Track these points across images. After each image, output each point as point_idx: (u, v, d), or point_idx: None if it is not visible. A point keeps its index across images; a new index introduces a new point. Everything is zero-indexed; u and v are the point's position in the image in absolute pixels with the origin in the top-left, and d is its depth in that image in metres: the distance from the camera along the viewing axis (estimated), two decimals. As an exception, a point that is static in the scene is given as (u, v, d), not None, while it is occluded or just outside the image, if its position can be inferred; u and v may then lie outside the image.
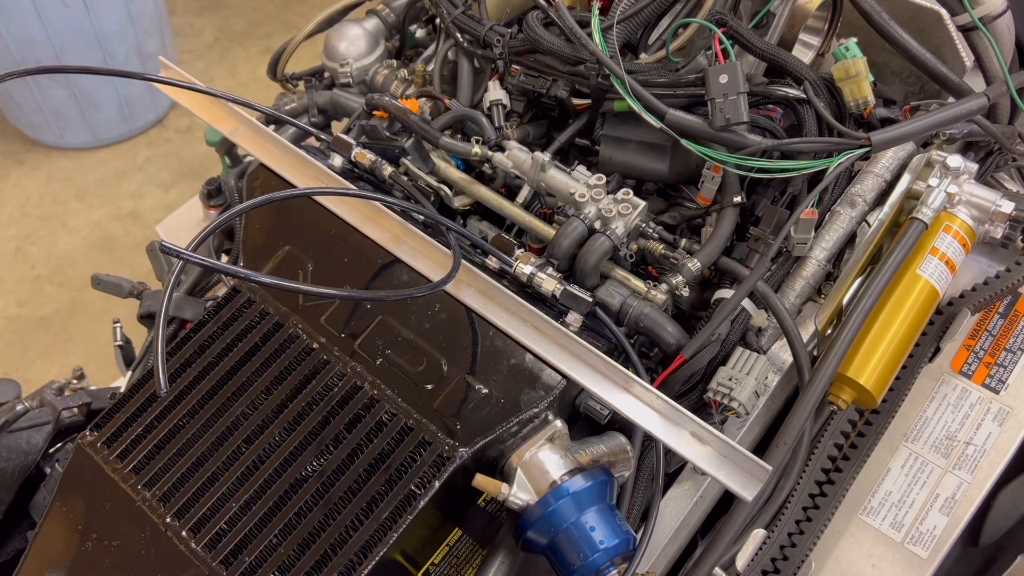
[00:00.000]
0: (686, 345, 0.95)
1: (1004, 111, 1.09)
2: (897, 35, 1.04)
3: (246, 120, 1.12)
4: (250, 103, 1.11)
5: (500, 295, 0.94)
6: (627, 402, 0.87)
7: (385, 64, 1.35)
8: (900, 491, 0.97)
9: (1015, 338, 1.03)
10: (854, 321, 0.92)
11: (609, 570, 0.84)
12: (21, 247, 2.98)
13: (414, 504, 0.84)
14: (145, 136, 3.32)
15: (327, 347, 0.94)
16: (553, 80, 1.15)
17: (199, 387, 0.94)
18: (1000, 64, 1.06)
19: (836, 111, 1.05)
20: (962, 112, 0.99)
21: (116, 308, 2.76)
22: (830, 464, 0.96)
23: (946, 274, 0.98)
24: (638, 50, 1.16)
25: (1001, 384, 1.00)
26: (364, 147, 1.13)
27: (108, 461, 0.92)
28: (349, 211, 1.03)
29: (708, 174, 1.07)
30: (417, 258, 0.99)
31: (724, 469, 0.82)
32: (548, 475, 0.87)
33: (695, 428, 0.83)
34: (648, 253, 1.06)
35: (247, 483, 0.88)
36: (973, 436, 0.98)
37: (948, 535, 0.94)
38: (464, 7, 1.20)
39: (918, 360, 1.01)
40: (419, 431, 0.88)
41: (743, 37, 1.04)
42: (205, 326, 0.98)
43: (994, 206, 0.99)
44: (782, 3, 1.11)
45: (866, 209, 1.03)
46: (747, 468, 0.81)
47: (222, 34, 3.71)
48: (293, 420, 0.91)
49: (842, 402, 0.94)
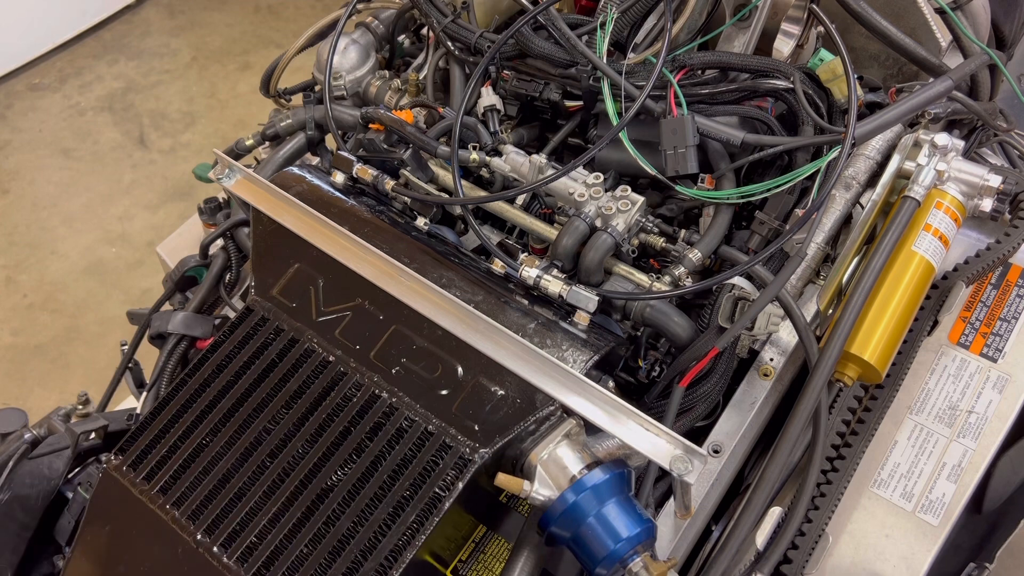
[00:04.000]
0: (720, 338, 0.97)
1: (984, 88, 1.12)
2: (874, 21, 1.07)
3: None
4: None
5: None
6: (577, 402, 0.90)
7: (378, 75, 1.36)
8: (908, 462, 1.00)
9: (1008, 307, 1.06)
10: (856, 299, 0.95)
11: (633, 558, 0.86)
12: (11, 276, 2.97)
13: (439, 506, 0.86)
14: (129, 159, 3.31)
15: (343, 359, 0.96)
16: (545, 84, 1.17)
17: (220, 405, 0.96)
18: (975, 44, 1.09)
19: (828, 107, 1.09)
20: (931, 96, 1.03)
21: (113, 332, 2.77)
22: (839, 440, 0.99)
23: (940, 249, 1.01)
24: (626, 49, 1.18)
25: (998, 352, 1.04)
26: (364, 161, 1.14)
27: (135, 484, 0.94)
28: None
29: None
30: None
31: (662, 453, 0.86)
32: (567, 470, 0.89)
33: (639, 420, 0.88)
34: (649, 247, 1.09)
35: (274, 496, 0.90)
36: (975, 404, 1.01)
37: (957, 502, 0.97)
38: (454, 15, 1.22)
39: (918, 334, 1.04)
40: (439, 435, 0.90)
41: (718, 62, 1.09)
42: (222, 345, 0.99)
43: (982, 181, 1.02)
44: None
45: (860, 191, 1.06)
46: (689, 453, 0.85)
47: (199, 53, 3.71)
48: (315, 432, 0.92)
49: (848, 379, 0.97)
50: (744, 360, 1.05)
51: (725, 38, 1.19)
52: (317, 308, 1.01)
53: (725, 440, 1.00)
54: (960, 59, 1.13)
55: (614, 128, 1.03)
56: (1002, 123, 1.15)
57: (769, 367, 1.03)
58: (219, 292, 1.34)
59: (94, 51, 3.73)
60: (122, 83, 3.59)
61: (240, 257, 1.35)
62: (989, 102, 1.15)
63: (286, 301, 1.01)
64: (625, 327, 1.06)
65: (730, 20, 1.16)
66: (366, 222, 1.09)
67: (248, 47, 3.72)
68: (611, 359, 1.01)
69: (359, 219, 1.09)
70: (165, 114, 3.46)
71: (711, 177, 1.12)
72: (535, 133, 1.26)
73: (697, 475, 0.84)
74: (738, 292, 1.00)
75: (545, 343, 0.95)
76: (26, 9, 3.52)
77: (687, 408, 1.01)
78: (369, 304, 1.00)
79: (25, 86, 3.60)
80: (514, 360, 0.93)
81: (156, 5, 3.93)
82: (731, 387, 1.04)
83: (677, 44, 1.15)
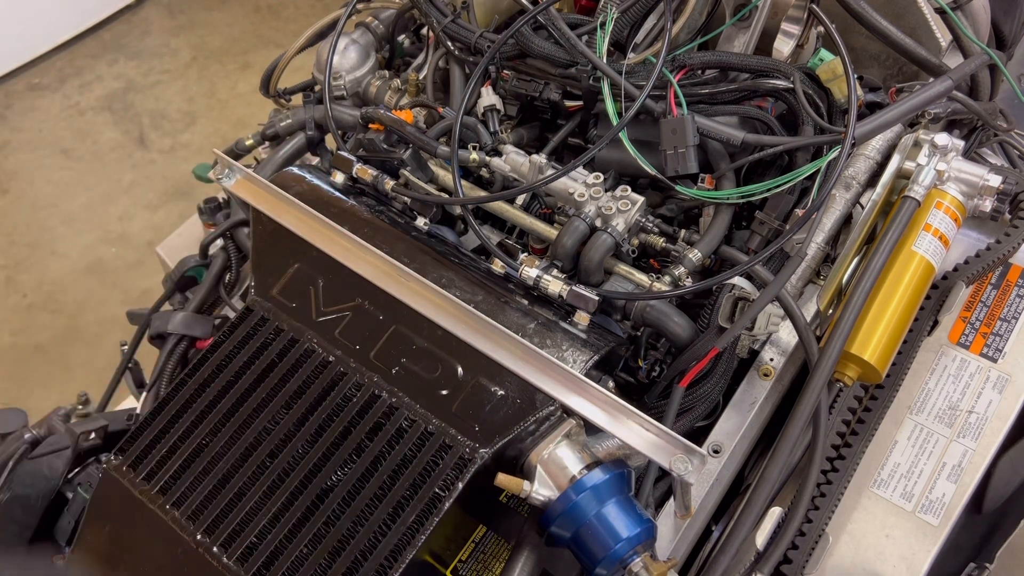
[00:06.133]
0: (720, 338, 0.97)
1: (984, 88, 1.12)
2: (874, 21, 1.07)
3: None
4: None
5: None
6: (577, 402, 0.90)
7: (377, 75, 1.36)
8: (908, 462, 1.00)
9: (1008, 307, 1.06)
10: (856, 299, 0.95)
11: (633, 558, 0.86)
12: (11, 276, 2.97)
13: (439, 506, 0.86)
14: (129, 159, 3.31)
15: (343, 359, 0.96)
16: (545, 83, 1.17)
17: (220, 405, 0.96)
18: (975, 44, 1.09)
19: (828, 107, 1.09)
20: (931, 96, 1.03)
21: (113, 332, 2.77)
22: (839, 440, 0.99)
23: (940, 249, 1.01)
24: (626, 49, 1.18)
25: (998, 353, 1.04)
26: (364, 162, 1.14)
27: (135, 484, 0.94)
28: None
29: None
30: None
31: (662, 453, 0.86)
32: (567, 470, 0.89)
33: (639, 420, 0.88)
34: (649, 247, 1.09)
35: (274, 496, 0.90)
36: (975, 404, 1.01)
37: (957, 502, 0.97)
38: (454, 15, 1.22)
39: (918, 334, 1.04)
40: (439, 435, 0.90)
41: (718, 62, 1.08)
42: (221, 345, 0.99)
43: (982, 180, 1.02)
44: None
45: (860, 191, 1.06)
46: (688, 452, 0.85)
47: (199, 52, 3.71)
48: (315, 432, 0.92)
49: (848, 379, 0.97)
50: (744, 360, 1.05)
51: (725, 38, 1.19)
52: (317, 308, 1.01)
53: (725, 440, 1.00)
54: (960, 59, 1.13)
55: (614, 128, 1.03)
56: (1002, 123, 1.15)
57: (769, 367, 1.03)
58: (219, 292, 1.34)
59: (94, 51, 3.73)
60: (122, 83, 3.59)
61: (240, 257, 1.35)
62: (989, 102, 1.15)
63: (286, 301, 1.01)
64: (625, 327, 1.06)
65: (730, 20, 1.16)
66: (366, 222, 1.09)
67: (248, 47, 3.72)
68: (611, 359, 1.01)
69: (359, 219, 1.09)
70: (165, 114, 3.46)
71: (711, 177, 1.11)
72: (535, 133, 1.26)
73: (697, 475, 0.84)
74: (738, 292, 1.00)
75: (545, 343, 0.95)
76: (26, 9, 3.52)
77: (687, 408, 1.01)
78: (369, 304, 1.00)
79: (25, 86, 3.60)
80: (514, 360, 0.93)
81: (156, 5, 3.93)
82: (731, 387, 1.03)
83: (677, 44, 1.15)
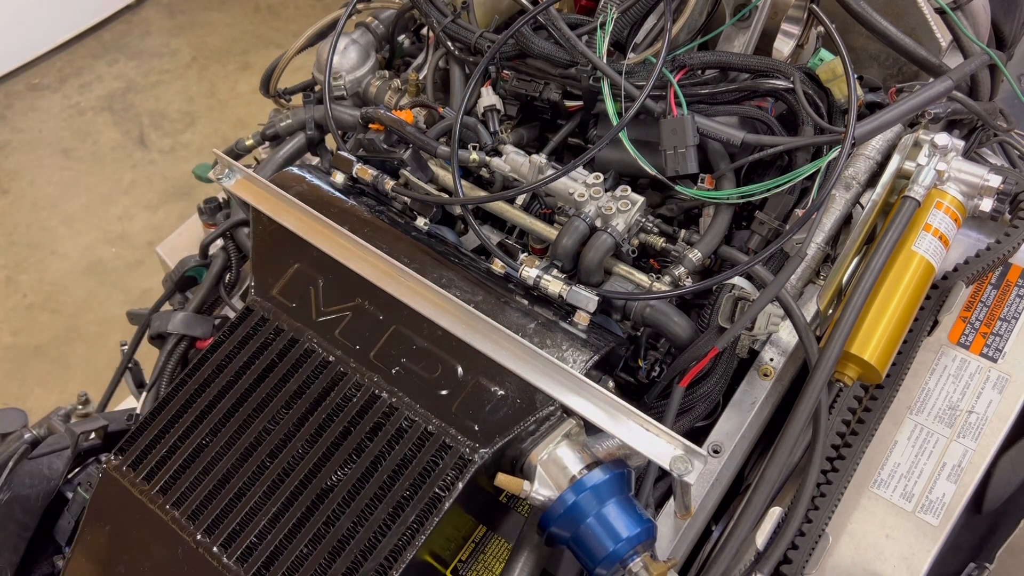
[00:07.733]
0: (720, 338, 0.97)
1: (984, 88, 1.12)
2: (874, 21, 1.07)
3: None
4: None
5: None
6: (577, 402, 0.90)
7: (377, 75, 1.36)
8: (908, 462, 1.00)
9: (1008, 307, 1.06)
10: (856, 299, 0.95)
11: (633, 559, 0.86)
12: (11, 276, 2.97)
13: (439, 506, 0.86)
14: (129, 159, 3.31)
15: (343, 359, 0.96)
16: (545, 84, 1.17)
17: (220, 405, 0.96)
18: (975, 44, 1.09)
19: (828, 107, 1.09)
20: (931, 96, 1.03)
21: (113, 332, 2.77)
22: (839, 440, 0.99)
23: (940, 249, 1.01)
24: (626, 49, 1.18)
25: (998, 353, 1.04)
26: (364, 162, 1.14)
27: (135, 484, 0.94)
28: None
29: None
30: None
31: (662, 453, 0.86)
32: (567, 470, 0.89)
33: (639, 420, 0.88)
34: (649, 247, 1.09)
35: (274, 496, 0.90)
36: (975, 404, 1.01)
37: (957, 502, 0.97)
38: (454, 16, 1.22)
39: (918, 334, 1.04)
40: (439, 435, 0.90)
41: (718, 62, 1.08)
42: (222, 345, 0.99)
43: (982, 181, 1.02)
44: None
45: (860, 191, 1.06)
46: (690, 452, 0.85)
47: (199, 52, 3.71)
48: (315, 432, 0.92)
49: (848, 379, 0.97)
50: (744, 360, 1.05)
51: (725, 38, 1.19)
52: (317, 308, 1.01)
53: (725, 440, 1.00)
54: (960, 59, 1.13)
55: (614, 128, 1.03)
56: (1002, 123, 1.15)
57: (769, 367, 1.03)
58: (219, 292, 1.34)
59: (94, 51, 3.73)
60: (122, 83, 3.59)
61: (240, 257, 1.35)
62: (989, 102, 1.15)
63: (286, 301, 1.01)
64: (625, 327, 1.06)
65: (730, 20, 1.16)
66: (366, 222, 1.09)
67: (248, 47, 3.72)
68: (611, 359, 1.01)
69: (359, 219, 1.09)
70: (165, 114, 3.46)
71: (711, 177, 1.11)
72: (535, 133, 1.26)
73: (697, 475, 0.84)
74: (738, 292, 1.00)
75: (545, 343, 0.95)
76: (26, 9, 3.52)
77: (687, 408, 1.01)
78: (369, 304, 1.00)
79: (25, 86, 3.60)
80: (514, 360, 0.93)
81: (156, 5, 3.93)
82: (731, 387, 1.03)
83: (677, 44, 1.15)
